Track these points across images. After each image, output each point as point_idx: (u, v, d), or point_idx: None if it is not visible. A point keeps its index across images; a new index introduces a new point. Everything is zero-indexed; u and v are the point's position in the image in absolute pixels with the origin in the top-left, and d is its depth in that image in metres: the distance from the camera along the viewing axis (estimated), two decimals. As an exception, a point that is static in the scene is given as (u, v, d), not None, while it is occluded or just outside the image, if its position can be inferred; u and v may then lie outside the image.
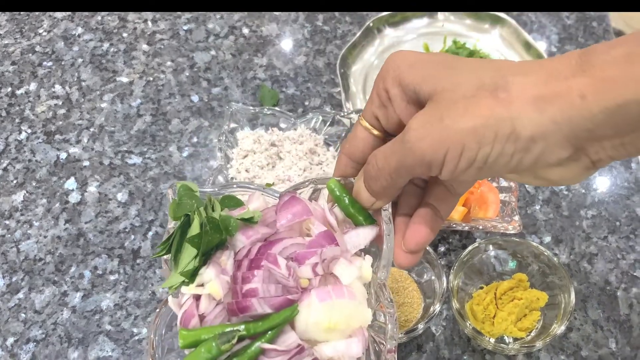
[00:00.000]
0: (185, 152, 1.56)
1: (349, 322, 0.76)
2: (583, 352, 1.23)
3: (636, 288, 1.30)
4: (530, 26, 1.77)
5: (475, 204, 1.33)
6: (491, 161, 0.65)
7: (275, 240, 0.80)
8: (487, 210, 1.32)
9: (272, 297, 0.75)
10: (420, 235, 0.79)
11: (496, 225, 1.29)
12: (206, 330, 0.76)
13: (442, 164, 0.66)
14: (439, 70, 0.68)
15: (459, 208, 1.30)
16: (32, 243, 1.43)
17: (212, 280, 0.78)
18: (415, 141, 0.66)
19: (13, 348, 1.29)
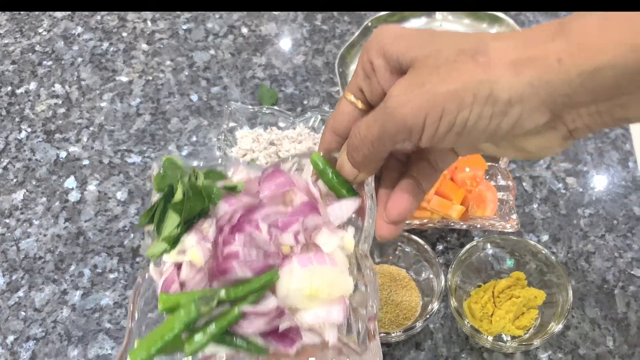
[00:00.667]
0: (184, 151, 1.56)
1: (330, 289, 0.76)
2: (580, 350, 1.23)
3: (633, 286, 1.30)
4: (528, 26, 1.77)
5: (473, 202, 1.33)
6: (470, 125, 0.65)
7: (258, 208, 0.80)
8: (485, 208, 1.32)
9: (253, 261, 0.75)
10: (402, 206, 0.80)
11: (494, 224, 1.29)
12: (186, 294, 0.74)
13: (422, 129, 0.66)
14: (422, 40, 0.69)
15: (457, 207, 1.28)
16: (32, 241, 1.43)
17: (193, 246, 0.78)
18: (396, 107, 0.66)
19: (13, 346, 1.29)
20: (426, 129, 0.66)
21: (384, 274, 1.30)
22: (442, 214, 1.30)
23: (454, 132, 0.66)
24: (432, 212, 1.30)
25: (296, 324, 0.75)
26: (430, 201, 1.29)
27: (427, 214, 1.31)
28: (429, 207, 1.29)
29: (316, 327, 0.76)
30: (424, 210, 1.30)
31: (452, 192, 1.30)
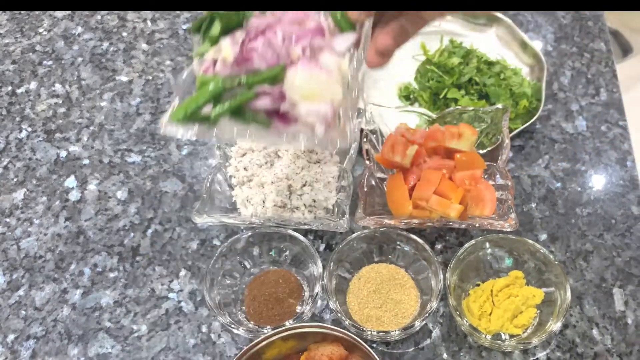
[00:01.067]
0: (184, 151, 1.55)
1: (322, 92, 0.98)
2: (579, 348, 1.23)
3: (631, 285, 1.30)
4: (526, 26, 1.77)
5: (471, 201, 1.30)
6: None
7: (278, 23, 1.01)
8: (483, 208, 1.29)
9: (268, 57, 0.99)
10: (387, 40, 1.00)
11: (492, 223, 1.26)
12: (215, 76, 0.99)
13: None
14: None
15: (456, 206, 1.25)
16: (32, 241, 1.43)
17: (227, 46, 1.01)
18: None
19: (13, 345, 1.29)
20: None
21: (383, 272, 1.30)
22: (440, 213, 1.27)
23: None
24: (431, 212, 1.27)
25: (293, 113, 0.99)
26: (429, 200, 1.26)
27: (426, 213, 1.28)
28: (428, 207, 1.26)
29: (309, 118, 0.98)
30: (423, 209, 1.28)
31: (450, 192, 1.27)
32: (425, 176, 1.30)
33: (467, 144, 1.35)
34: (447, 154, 1.36)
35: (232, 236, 1.32)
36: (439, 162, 1.34)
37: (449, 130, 1.35)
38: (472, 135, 1.35)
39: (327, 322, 1.28)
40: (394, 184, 1.34)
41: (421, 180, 1.30)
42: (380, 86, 1.64)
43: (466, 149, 1.35)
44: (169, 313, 1.31)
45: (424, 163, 1.35)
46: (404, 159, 1.33)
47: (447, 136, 1.35)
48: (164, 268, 1.37)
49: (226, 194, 1.38)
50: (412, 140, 1.35)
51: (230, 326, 1.20)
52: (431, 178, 1.29)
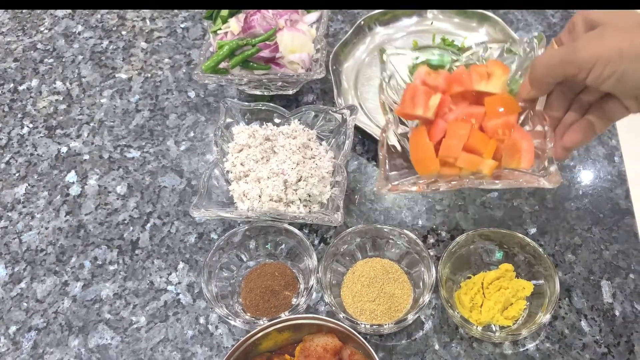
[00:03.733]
0: (182, 146, 1.55)
1: (301, 47, 1.53)
2: (567, 340, 1.22)
3: (619, 278, 1.29)
4: (516, 24, 1.77)
5: (506, 153, 1.11)
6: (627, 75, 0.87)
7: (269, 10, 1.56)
8: (520, 159, 1.09)
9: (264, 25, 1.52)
10: (575, 139, 1.06)
11: (531, 179, 1.10)
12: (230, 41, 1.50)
13: (591, 69, 0.89)
14: (615, 12, 0.93)
15: (489, 162, 1.09)
16: (33, 234, 1.42)
17: (234, 23, 1.56)
18: (577, 47, 0.90)
19: (15, 336, 1.28)
20: (594, 70, 0.88)
21: (377, 267, 1.30)
22: (472, 171, 1.11)
23: (615, 78, 0.88)
24: (461, 169, 1.11)
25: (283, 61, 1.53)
26: (457, 158, 1.10)
27: (455, 170, 1.12)
28: (458, 164, 1.11)
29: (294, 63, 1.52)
30: (452, 166, 1.12)
31: (481, 145, 1.10)
32: (452, 129, 1.12)
33: (498, 84, 1.14)
34: (476, 99, 1.17)
35: (229, 230, 1.31)
36: (466, 110, 1.14)
37: (476, 70, 1.16)
38: (503, 73, 1.14)
39: (321, 314, 1.28)
40: (418, 140, 1.16)
41: (447, 135, 1.12)
42: (373, 83, 1.63)
43: (497, 91, 1.14)
44: (167, 305, 1.31)
45: (450, 112, 1.15)
46: (426, 110, 1.14)
47: (474, 78, 1.15)
48: (163, 261, 1.37)
49: (223, 189, 1.38)
50: (434, 87, 1.17)
51: (227, 318, 1.19)
52: (458, 131, 1.11)
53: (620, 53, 0.85)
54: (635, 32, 0.86)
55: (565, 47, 0.94)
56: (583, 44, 0.90)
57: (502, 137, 1.11)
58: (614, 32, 0.88)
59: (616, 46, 0.86)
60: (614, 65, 0.86)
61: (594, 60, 0.87)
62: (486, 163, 1.09)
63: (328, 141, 1.45)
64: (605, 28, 0.90)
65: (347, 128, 1.39)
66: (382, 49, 1.27)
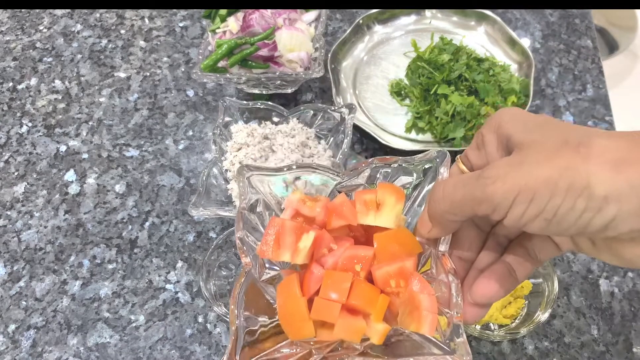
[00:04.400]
0: (181, 145, 1.55)
1: (300, 46, 1.52)
2: (566, 338, 1.22)
3: (617, 276, 1.29)
4: (514, 23, 1.77)
5: (403, 310, 0.78)
6: (561, 214, 0.61)
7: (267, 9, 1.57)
8: (420, 320, 0.75)
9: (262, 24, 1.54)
10: (489, 291, 0.75)
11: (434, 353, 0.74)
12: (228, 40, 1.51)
13: (509, 208, 0.63)
14: (534, 126, 0.67)
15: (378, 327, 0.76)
16: (32, 233, 1.42)
17: (232, 22, 1.57)
18: (488, 179, 0.64)
19: (14, 334, 1.28)
20: (513, 208, 0.63)
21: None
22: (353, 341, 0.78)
23: (543, 218, 0.62)
24: None
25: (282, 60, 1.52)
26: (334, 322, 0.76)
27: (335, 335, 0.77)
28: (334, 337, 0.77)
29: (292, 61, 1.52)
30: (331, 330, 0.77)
31: (368, 303, 0.76)
32: (328, 282, 0.77)
33: (391, 216, 0.81)
34: (366, 235, 0.86)
35: (227, 229, 1.32)
36: (349, 253, 0.80)
37: (362, 197, 0.83)
38: (397, 201, 0.82)
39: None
40: (286, 294, 0.80)
41: (321, 290, 0.77)
42: (372, 82, 1.63)
43: (391, 225, 0.81)
44: (166, 304, 1.31)
45: (329, 254, 0.81)
46: (295, 256, 0.79)
47: (359, 208, 0.82)
48: (161, 260, 1.37)
49: (222, 188, 1.37)
50: (311, 219, 0.85)
51: (225, 316, 1.19)
52: (336, 284, 0.77)
53: (548, 183, 0.60)
54: (564, 152, 0.61)
55: (474, 176, 0.67)
56: (496, 174, 0.64)
57: (395, 290, 0.79)
58: (538, 157, 0.63)
59: (542, 174, 0.61)
60: (540, 201, 0.61)
61: (512, 195, 0.62)
62: (375, 329, 0.76)
63: (327, 140, 1.44)
64: (522, 151, 0.66)
65: (346, 127, 1.39)
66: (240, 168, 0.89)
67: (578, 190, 0.59)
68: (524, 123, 0.68)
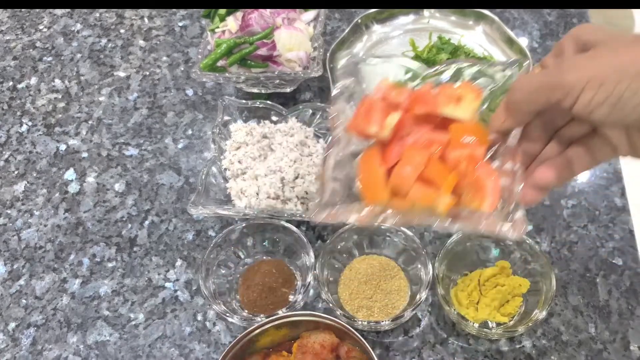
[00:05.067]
0: (180, 144, 1.55)
1: (299, 45, 1.52)
2: (564, 336, 1.22)
3: (615, 275, 1.29)
4: (512, 23, 1.76)
5: (467, 190, 0.91)
6: (625, 98, 0.69)
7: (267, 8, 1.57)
8: (482, 199, 0.90)
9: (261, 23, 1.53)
10: (549, 176, 0.86)
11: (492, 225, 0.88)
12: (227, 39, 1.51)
13: (580, 93, 0.71)
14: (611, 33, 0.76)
15: (445, 198, 0.89)
16: (32, 231, 1.42)
17: (231, 21, 1.57)
18: (564, 69, 0.73)
19: (14, 332, 1.28)
20: (583, 93, 0.71)
21: (374, 264, 1.29)
22: (424, 206, 0.90)
23: (608, 103, 0.70)
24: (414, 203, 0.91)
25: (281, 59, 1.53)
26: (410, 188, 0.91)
27: (406, 203, 0.92)
28: (409, 199, 0.92)
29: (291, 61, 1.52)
30: (404, 199, 0.92)
31: (440, 177, 0.91)
32: (408, 155, 0.93)
33: (469, 110, 0.94)
34: (442, 125, 0.96)
35: (226, 227, 1.31)
36: (428, 136, 0.95)
37: (445, 91, 0.96)
38: (475, 99, 0.95)
39: (319, 310, 1.27)
40: (368, 163, 0.97)
41: (401, 160, 0.93)
42: (370, 81, 1.63)
43: (467, 118, 0.94)
44: (165, 302, 1.31)
45: (409, 136, 0.96)
46: (382, 129, 0.94)
47: (441, 100, 0.95)
48: (161, 258, 1.36)
49: (221, 186, 1.37)
50: (395, 104, 0.97)
51: (225, 315, 1.19)
52: (415, 157, 0.92)
53: (618, 69, 0.69)
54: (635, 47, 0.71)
55: (550, 69, 0.79)
56: (571, 64, 0.73)
57: (465, 172, 0.92)
58: (611, 49, 0.73)
59: (613, 63, 0.70)
60: (609, 85, 0.69)
61: (584, 81, 0.70)
62: (442, 199, 0.90)
63: (325, 139, 1.44)
64: (598, 48, 0.75)
65: (345, 126, 1.39)
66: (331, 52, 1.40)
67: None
68: (602, 31, 0.77)
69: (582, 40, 0.79)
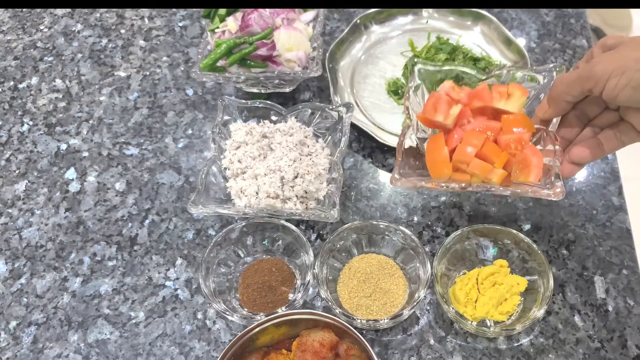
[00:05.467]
0: (180, 144, 1.55)
1: (298, 46, 1.53)
2: (561, 334, 1.22)
3: (612, 274, 1.29)
4: (510, 23, 1.77)
5: (516, 167, 1.17)
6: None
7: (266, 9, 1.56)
8: (528, 174, 1.15)
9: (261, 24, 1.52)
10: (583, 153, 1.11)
11: (538, 191, 1.15)
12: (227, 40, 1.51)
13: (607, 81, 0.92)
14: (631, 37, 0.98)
15: (499, 171, 1.16)
16: (33, 230, 1.42)
17: (231, 22, 1.57)
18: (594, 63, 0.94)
19: (15, 331, 1.28)
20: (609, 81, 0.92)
21: (373, 263, 1.30)
22: (482, 178, 1.18)
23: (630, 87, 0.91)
24: (472, 176, 1.18)
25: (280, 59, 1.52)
26: (470, 163, 1.17)
27: (466, 177, 1.19)
28: (469, 170, 1.17)
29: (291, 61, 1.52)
30: (463, 173, 1.19)
31: (494, 155, 1.17)
32: (468, 137, 1.19)
33: (517, 105, 1.22)
34: (494, 116, 1.25)
35: (226, 226, 1.31)
36: (484, 124, 1.23)
37: (497, 89, 1.25)
38: (522, 95, 1.22)
39: (318, 309, 1.28)
40: (435, 145, 1.23)
41: (463, 142, 1.19)
42: (369, 81, 1.63)
43: (515, 111, 1.22)
44: (165, 300, 1.31)
45: (468, 124, 1.24)
46: (446, 118, 1.22)
47: (494, 96, 1.24)
48: (161, 257, 1.37)
49: (221, 186, 1.38)
50: (456, 99, 1.25)
51: (225, 313, 1.19)
52: (473, 139, 1.18)
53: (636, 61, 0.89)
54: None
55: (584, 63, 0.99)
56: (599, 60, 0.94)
57: (514, 151, 1.18)
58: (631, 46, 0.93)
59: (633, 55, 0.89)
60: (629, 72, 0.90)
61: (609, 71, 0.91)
62: (496, 172, 1.17)
63: (324, 138, 1.44)
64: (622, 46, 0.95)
65: (344, 125, 1.39)
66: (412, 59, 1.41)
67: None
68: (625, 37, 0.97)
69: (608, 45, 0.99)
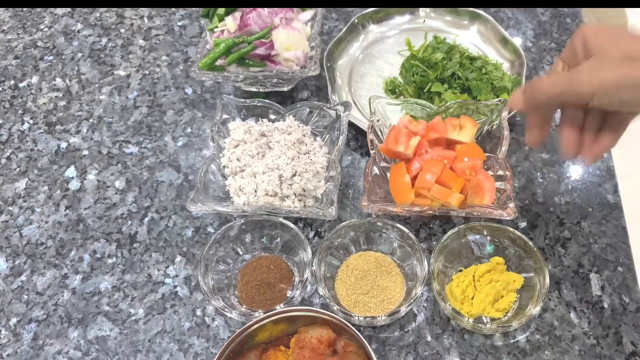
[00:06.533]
0: (179, 142, 1.55)
1: (296, 45, 1.53)
2: (557, 331, 1.22)
3: (607, 271, 1.29)
4: (507, 22, 1.76)
5: (472, 191, 1.29)
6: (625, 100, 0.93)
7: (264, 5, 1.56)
8: (483, 197, 1.28)
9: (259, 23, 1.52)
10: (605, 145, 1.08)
11: (492, 212, 1.26)
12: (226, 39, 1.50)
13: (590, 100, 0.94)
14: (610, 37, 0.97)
15: (457, 195, 1.25)
16: (34, 228, 1.42)
17: (230, 21, 1.56)
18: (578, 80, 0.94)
19: (16, 328, 1.28)
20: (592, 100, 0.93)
21: (370, 260, 1.29)
22: (442, 202, 1.27)
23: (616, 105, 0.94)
24: (432, 200, 1.27)
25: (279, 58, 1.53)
26: (430, 189, 1.26)
27: (427, 201, 1.28)
28: (429, 195, 1.27)
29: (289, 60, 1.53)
30: (425, 198, 1.29)
31: (451, 181, 1.27)
32: (427, 166, 1.29)
33: (468, 135, 1.36)
34: (449, 145, 1.38)
35: (225, 224, 1.31)
36: (440, 153, 1.34)
37: (451, 122, 1.37)
38: (472, 127, 1.37)
39: (316, 306, 1.27)
40: (397, 173, 1.33)
41: (423, 170, 1.29)
42: (367, 80, 1.63)
43: (467, 141, 1.35)
44: (165, 297, 1.30)
45: (426, 153, 1.35)
46: (407, 149, 1.34)
47: (448, 128, 1.37)
48: (160, 254, 1.36)
49: (220, 184, 1.37)
50: (414, 132, 1.37)
51: (223, 310, 1.19)
52: (433, 167, 1.28)
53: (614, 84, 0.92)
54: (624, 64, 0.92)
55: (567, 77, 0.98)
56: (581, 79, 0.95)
57: (468, 177, 1.30)
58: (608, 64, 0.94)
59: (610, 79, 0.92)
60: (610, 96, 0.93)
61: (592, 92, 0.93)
62: (455, 196, 1.26)
63: (322, 137, 1.44)
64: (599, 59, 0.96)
65: (341, 124, 1.39)
66: (371, 98, 1.43)
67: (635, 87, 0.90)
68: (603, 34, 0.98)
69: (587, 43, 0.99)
